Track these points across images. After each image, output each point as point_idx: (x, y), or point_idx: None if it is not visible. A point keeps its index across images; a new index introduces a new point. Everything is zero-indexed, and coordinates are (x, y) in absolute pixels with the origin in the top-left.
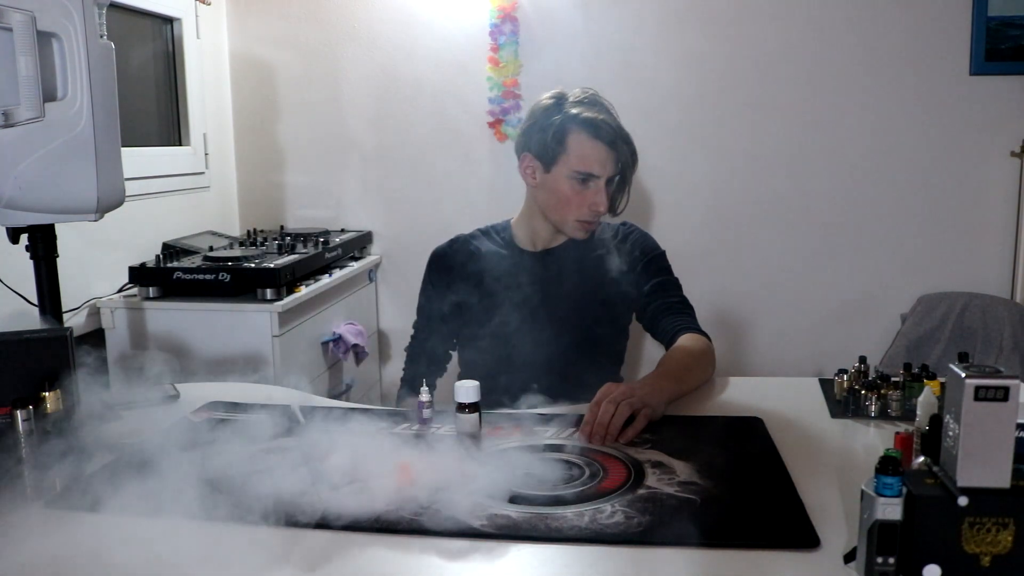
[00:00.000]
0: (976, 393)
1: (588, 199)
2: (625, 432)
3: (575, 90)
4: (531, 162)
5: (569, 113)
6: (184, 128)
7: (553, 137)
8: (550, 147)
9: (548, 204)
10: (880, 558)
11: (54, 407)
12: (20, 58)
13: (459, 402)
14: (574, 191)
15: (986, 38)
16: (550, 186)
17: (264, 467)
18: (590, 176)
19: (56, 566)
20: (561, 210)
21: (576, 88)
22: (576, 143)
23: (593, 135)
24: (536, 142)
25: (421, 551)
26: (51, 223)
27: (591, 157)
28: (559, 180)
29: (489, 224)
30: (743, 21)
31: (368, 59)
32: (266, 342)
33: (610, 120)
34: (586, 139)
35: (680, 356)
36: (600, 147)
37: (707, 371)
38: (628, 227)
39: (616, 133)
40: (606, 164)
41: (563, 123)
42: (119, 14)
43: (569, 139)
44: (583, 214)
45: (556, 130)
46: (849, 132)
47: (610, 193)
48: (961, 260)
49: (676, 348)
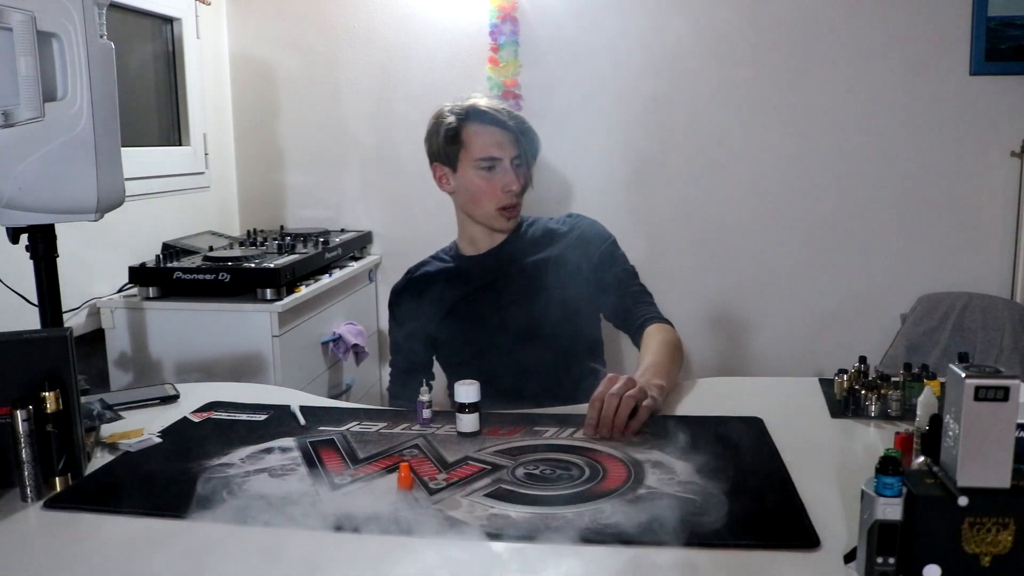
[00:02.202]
0: (976, 393)
1: (499, 183)
2: (630, 424)
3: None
4: (440, 170)
5: (458, 111)
6: (184, 128)
7: (448, 137)
8: (449, 147)
9: (467, 203)
10: (880, 558)
11: (54, 407)
12: (20, 58)
13: (459, 402)
14: (484, 180)
15: (986, 38)
16: (462, 185)
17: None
18: (493, 160)
19: (56, 566)
20: (479, 203)
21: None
22: (470, 134)
23: (483, 121)
24: (436, 148)
25: (421, 551)
26: (51, 223)
27: (488, 142)
28: (467, 175)
29: (437, 249)
30: (741, 21)
31: (368, 59)
32: (266, 342)
33: (494, 104)
34: (478, 127)
35: (661, 348)
36: (493, 130)
37: (682, 360)
38: (575, 217)
39: (506, 114)
40: (504, 145)
41: (453, 121)
42: (119, 14)
43: (463, 133)
44: (499, 199)
45: (448, 129)
46: (849, 132)
47: (521, 173)
48: (961, 260)
49: (652, 339)
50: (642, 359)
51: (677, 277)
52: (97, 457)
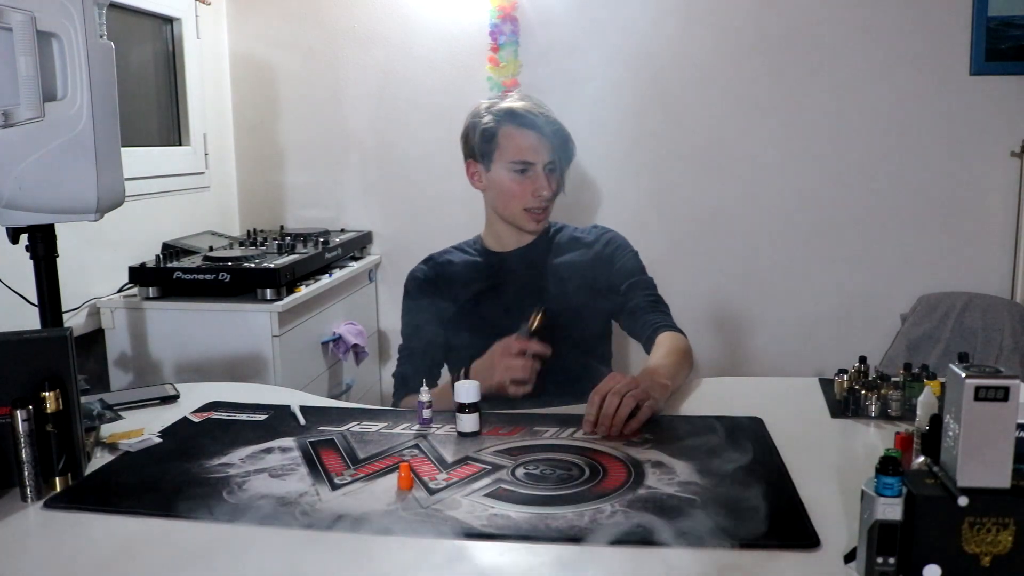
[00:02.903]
0: (976, 393)
1: (529, 187)
2: (629, 423)
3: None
4: (474, 167)
5: (496, 111)
6: (184, 128)
7: (484, 136)
8: (484, 146)
9: (497, 202)
10: (880, 558)
11: (54, 407)
12: (20, 58)
13: (459, 402)
14: (515, 182)
15: (986, 38)
16: (494, 184)
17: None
18: (527, 164)
19: (56, 566)
20: (508, 204)
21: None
22: (506, 136)
23: (520, 124)
24: (472, 146)
25: (421, 551)
26: (51, 223)
27: (523, 146)
28: (500, 175)
29: (461, 240)
30: (742, 21)
31: (368, 59)
32: (266, 342)
33: (534, 109)
34: (515, 130)
35: (669, 353)
36: (529, 135)
37: (690, 368)
38: (601, 228)
39: (543, 119)
40: (539, 150)
41: (491, 120)
42: (119, 14)
43: (500, 133)
44: (528, 202)
45: (485, 129)
46: (849, 132)
47: (553, 178)
48: (961, 260)
49: (662, 346)
50: (648, 362)
51: (676, 277)
52: (97, 457)
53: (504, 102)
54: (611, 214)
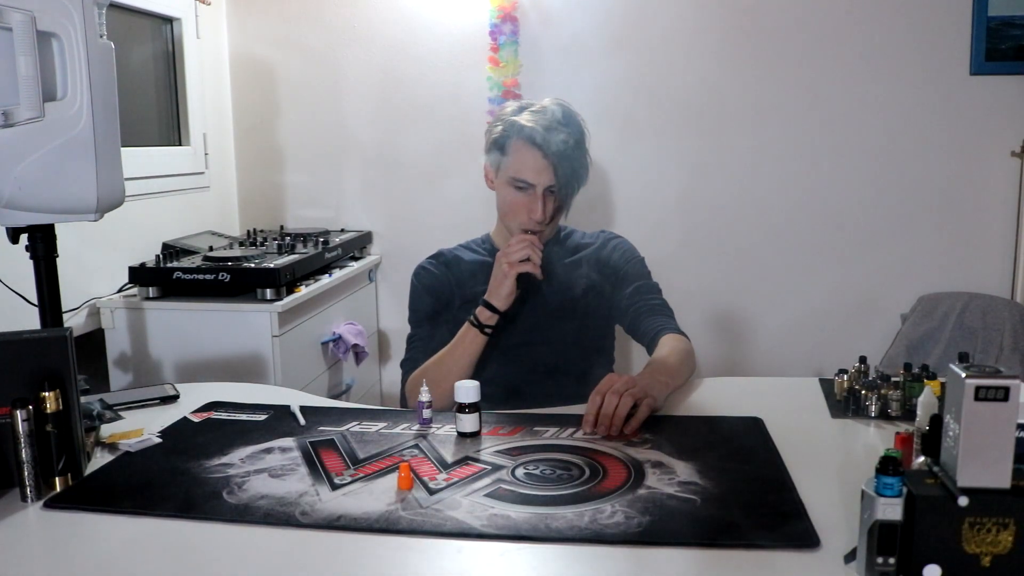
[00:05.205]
0: (976, 393)
1: (526, 206)
2: (629, 423)
3: (545, 100)
4: (487, 167)
5: (516, 121)
6: (184, 128)
7: (497, 143)
8: (496, 153)
9: (500, 209)
10: (880, 558)
11: (54, 407)
12: (20, 58)
13: (459, 402)
14: (514, 198)
15: (986, 38)
16: (499, 191)
17: (264, 467)
18: (526, 184)
19: (56, 566)
20: (507, 216)
21: (547, 99)
22: (514, 150)
23: (530, 143)
24: (486, 147)
25: (421, 551)
26: (51, 223)
27: (526, 165)
28: (503, 185)
29: (468, 239)
30: (744, 23)
31: (368, 59)
32: (266, 342)
33: (553, 130)
34: (523, 147)
35: (670, 354)
36: (536, 156)
37: (691, 370)
38: (609, 234)
39: (558, 143)
40: (541, 173)
41: (506, 130)
42: (119, 14)
43: (510, 146)
44: (523, 222)
45: (499, 137)
46: (849, 132)
47: (551, 204)
48: (961, 260)
49: (664, 347)
50: (651, 360)
51: (676, 277)
52: (97, 457)
53: (525, 113)
54: (611, 214)
